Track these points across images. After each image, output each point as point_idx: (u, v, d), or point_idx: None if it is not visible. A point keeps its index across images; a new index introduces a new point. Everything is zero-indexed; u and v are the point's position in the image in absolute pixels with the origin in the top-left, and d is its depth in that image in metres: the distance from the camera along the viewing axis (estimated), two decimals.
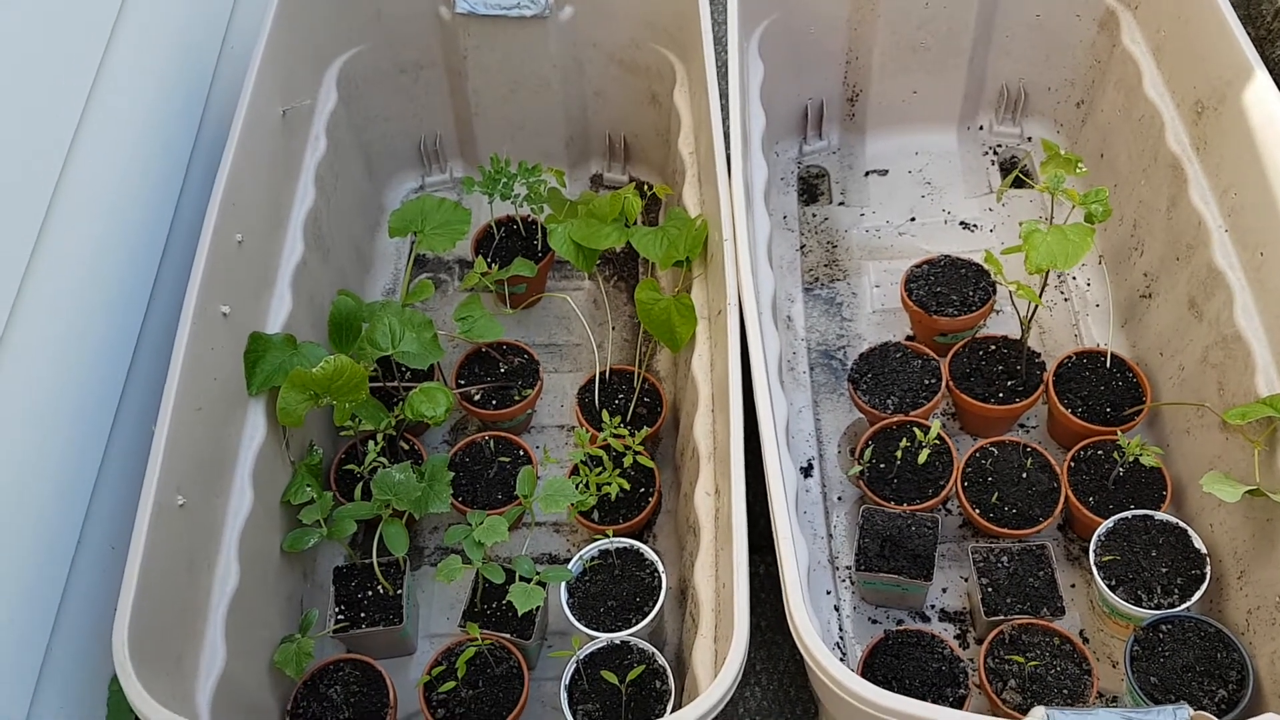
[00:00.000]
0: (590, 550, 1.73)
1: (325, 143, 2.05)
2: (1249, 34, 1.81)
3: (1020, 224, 1.71)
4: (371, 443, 1.76)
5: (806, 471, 1.96)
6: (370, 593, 1.74)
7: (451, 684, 1.61)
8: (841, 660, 1.74)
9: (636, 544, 1.73)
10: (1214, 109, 1.84)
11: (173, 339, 1.56)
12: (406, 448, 1.90)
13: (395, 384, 1.90)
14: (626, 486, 1.78)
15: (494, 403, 1.97)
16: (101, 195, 1.70)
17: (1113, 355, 1.92)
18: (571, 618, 1.67)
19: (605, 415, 1.86)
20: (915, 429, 1.83)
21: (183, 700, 1.44)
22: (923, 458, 1.80)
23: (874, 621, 1.80)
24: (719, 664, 1.40)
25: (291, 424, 1.70)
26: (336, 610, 1.72)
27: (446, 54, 2.21)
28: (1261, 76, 1.73)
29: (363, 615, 1.72)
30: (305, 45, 2.06)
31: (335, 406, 1.71)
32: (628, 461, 1.80)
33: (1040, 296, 1.79)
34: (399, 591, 1.73)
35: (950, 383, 1.92)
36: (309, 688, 1.65)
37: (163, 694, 1.32)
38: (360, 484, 1.75)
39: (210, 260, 1.63)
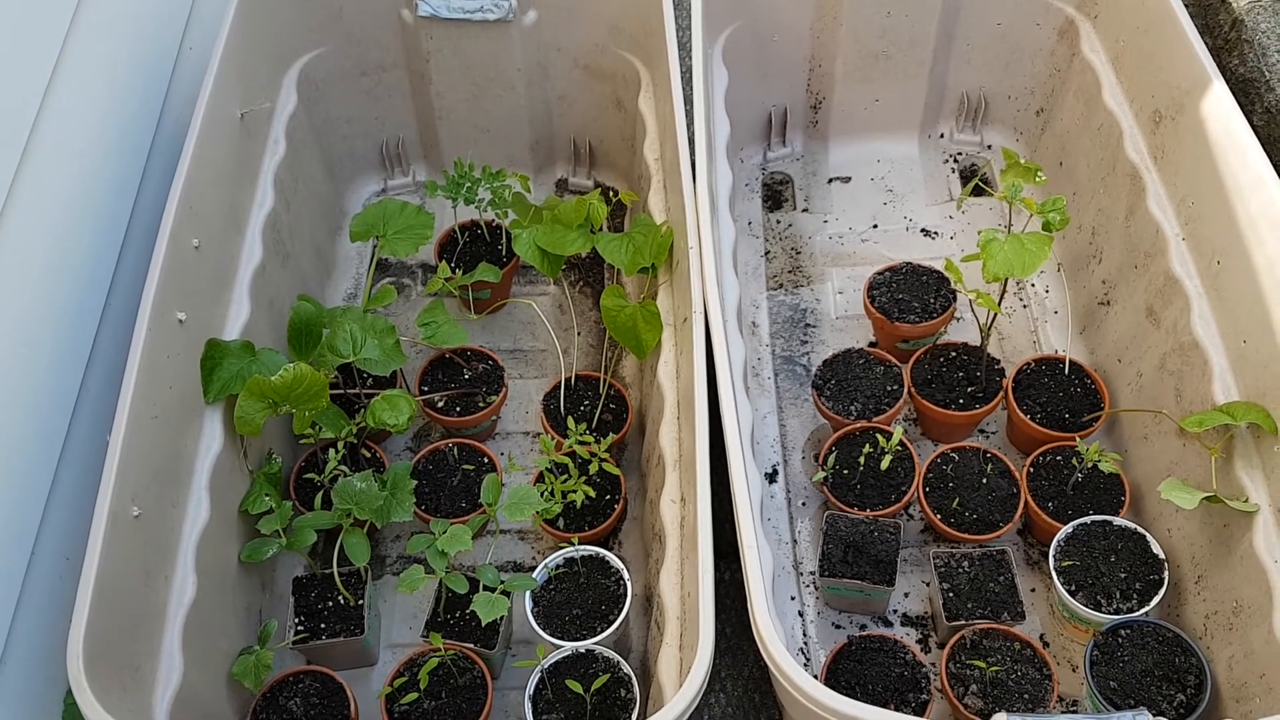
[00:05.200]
0: (555, 558, 1.72)
1: (285, 145, 2.03)
2: (1207, 44, 1.84)
3: (979, 232, 1.73)
4: (332, 451, 1.74)
5: (771, 477, 1.97)
6: (331, 603, 1.72)
7: (414, 695, 1.59)
8: (805, 666, 1.76)
9: (602, 552, 1.72)
10: (1172, 118, 1.87)
11: (128, 346, 1.53)
12: (368, 455, 1.88)
13: (357, 391, 1.88)
14: (592, 494, 1.77)
15: (458, 409, 1.96)
16: (56, 199, 1.66)
17: (1071, 362, 1.94)
18: (536, 627, 1.66)
19: (571, 422, 1.86)
20: (878, 435, 1.84)
21: (139, 714, 1.41)
22: (885, 464, 1.81)
23: (837, 626, 1.81)
24: (684, 673, 1.40)
25: (250, 433, 1.67)
26: (296, 621, 1.70)
27: (409, 57, 2.19)
28: (1219, 87, 1.76)
29: (323, 626, 1.70)
30: (265, 46, 2.03)
31: (295, 414, 1.69)
32: (593, 469, 1.79)
33: (999, 304, 1.80)
34: (360, 602, 1.71)
35: (912, 389, 1.94)
36: (268, 700, 1.63)
37: (119, 708, 1.30)
38: (321, 493, 1.73)
39: (167, 265, 1.61)
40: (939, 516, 1.80)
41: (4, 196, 1.52)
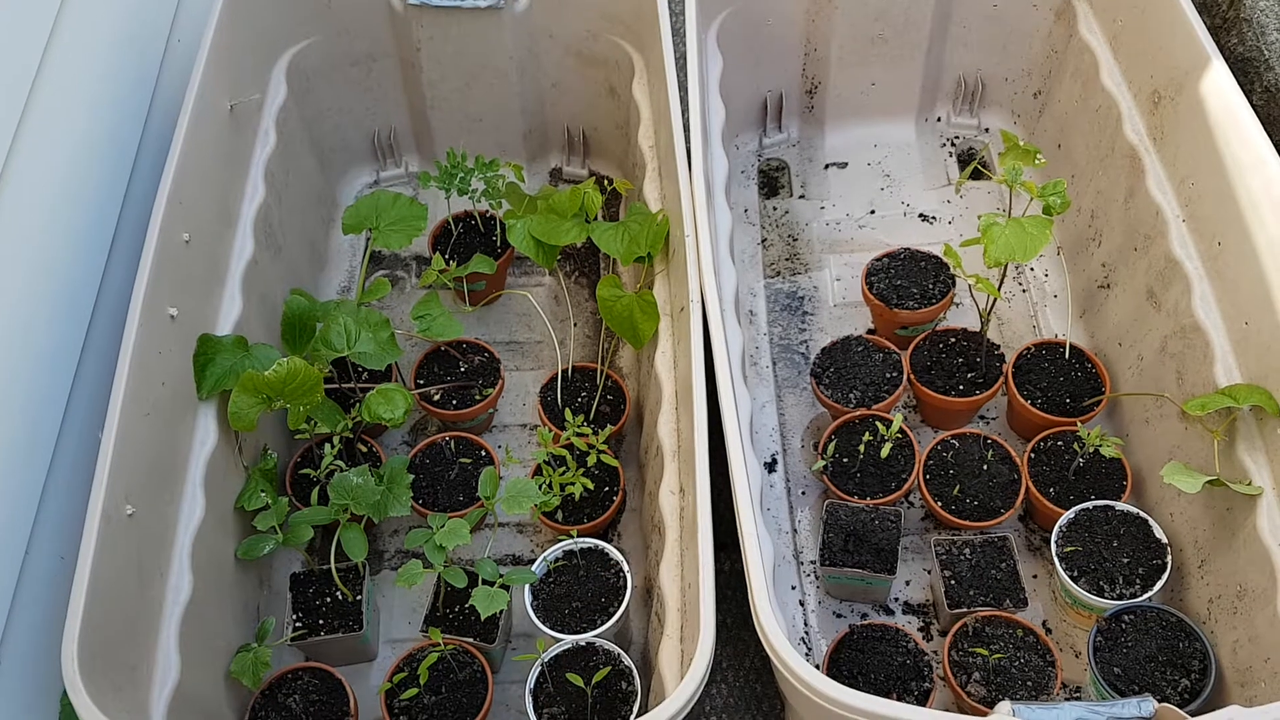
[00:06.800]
0: (554, 551, 1.71)
1: (275, 137, 2.01)
2: (1205, 23, 1.82)
3: (979, 216, 1.71)
4: (328, 446, 1.73)
5: (770, 466, 1.95)
6: (329, 599, 1.70)
7: (414, 690, 1.58)
8: (807, 655, 1.75)
9: (601, 544, 1.71)
10: (1171, 99, 1.85)
11: (119, 343, 1.51)
12: (364, 450, 1.87)
13: (352, 385, 1.86)
14: (590, 486, 1.76)
15: (454, 403, 1.94)
16: (44, 194, 1.64)
17: (1071, 346, 1.93)
18: (536, 620, 1.65)
19: (568, 414, 1.84)
20: (878, 423, 1.83)
21: (136, 714, 1.40)
22: (885, 451, 1.80)
23: (839, 615, 1.80)
24: (685, 665, 1.39)
25: (244, 428, 1.66)
26: (294, 618, 1.69)
27: (399, 46, 2.17)
28: (1218, 66, 1.74)
29: (321, 622, 1.68)
30: (253, 37, 2.01)
31: (290, 409, 1.67)
32: (591, 460, 1.78)
33: (999, 289, 1.79)
34: (358, 597, 1.70)
35: (911, 376, 1.92)
36: (267, 697, 1.62)
37: (115, 708, 1.29)
38: (317, 488, 1.72)
39: (157, 260, 1.59)
40: (940, 504, 1.79)
41: None
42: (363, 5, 2.11)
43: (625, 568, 1.69)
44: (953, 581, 1.71)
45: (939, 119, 2.43)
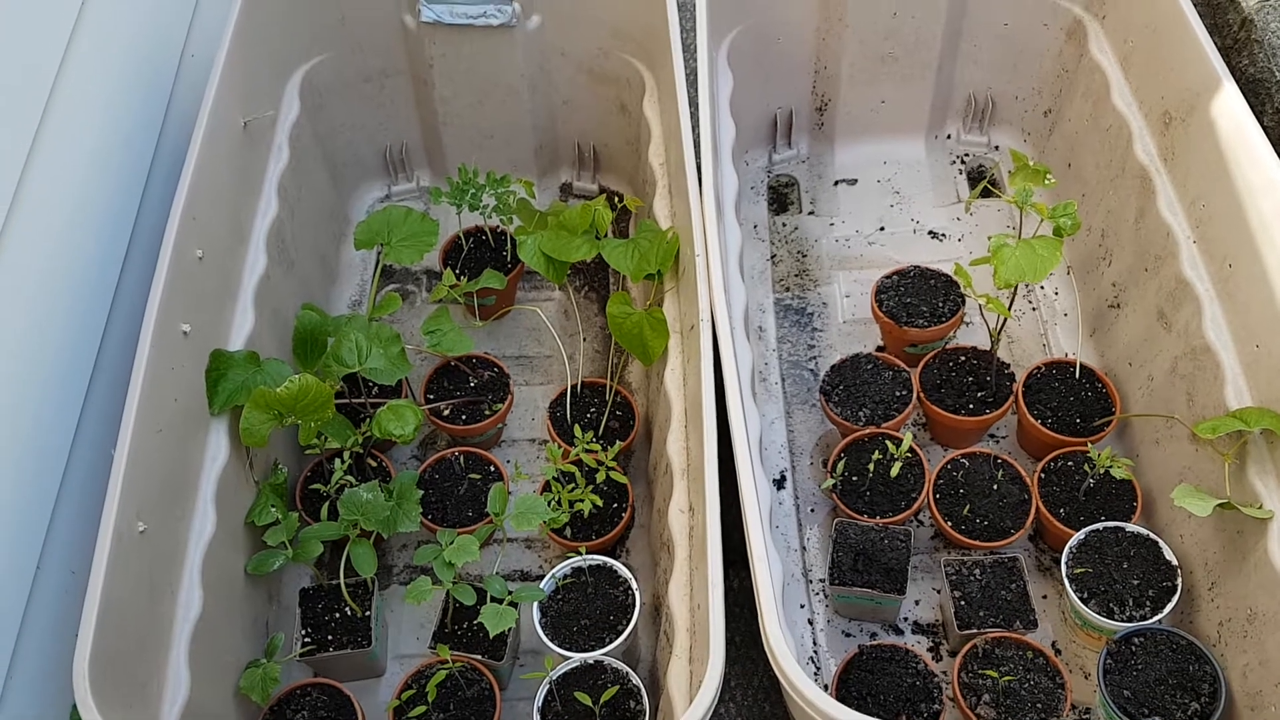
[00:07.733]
0: (563, 568, 1.71)
1: (288, 153, 2.01)
2: (1215, 44, 1.82)
3: (989, 238, 1.71)
4: (338, 461, 1.73)
5: (779, 484, 1.95)
6: (338, 615, 1.71)
7: (422, 708, 1.58)
8: (815, 675, 1.74)
9: (610, 561, 1.71)
10: (1182, 119, 1.85)
11: (132, 359, 1.52)
12: (374, 465, 1.87)
13: (362, 400, 1.87)
14: (599, 503, 1.76)
15: (464, 418, 1.95)
16: (58, 210, 1.65)
17: (1081, 365, 1.93)
18: (544, 637, 1.65)
19: (577, 430, 1.84)
20: (887, 441, 1.83)
21: None
22: (895, 470, 1.79)
23: (848, 635, 1.80)
24: (694, 686, 1.39)
25: (255, 444, 1.66)
26: (303, 633, 1.69)
27: (412, 63, 2.18)
28: (1229, 87, 1.74)
29: (330, 638, 1.69)
30: (267, 54, 2.02)
31: (300, 425, 1.68)
32: (600, 477, 1.78)
33: (1009, 308, 1.79)
34: (367, 613, 1.70)
35: (921, 394, 1.92)
36: (275, 713, 1.62)
37: None
38: (327, 503, 1.72)
39: (170, 277, 1.60)
40: (950, 523, 1.79)
41: (6, 208, 1.51)
42: (376, 22, 2.12)
43: (634, 585, 1.69)
44: (962, 602, 1.71)
45: (949, 136, 2.43)
